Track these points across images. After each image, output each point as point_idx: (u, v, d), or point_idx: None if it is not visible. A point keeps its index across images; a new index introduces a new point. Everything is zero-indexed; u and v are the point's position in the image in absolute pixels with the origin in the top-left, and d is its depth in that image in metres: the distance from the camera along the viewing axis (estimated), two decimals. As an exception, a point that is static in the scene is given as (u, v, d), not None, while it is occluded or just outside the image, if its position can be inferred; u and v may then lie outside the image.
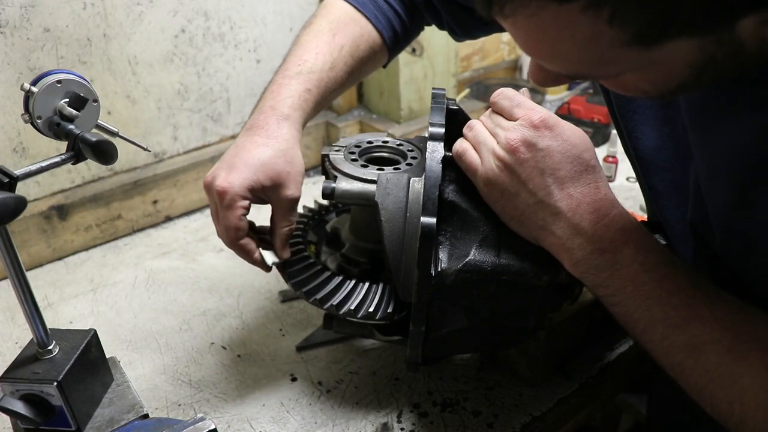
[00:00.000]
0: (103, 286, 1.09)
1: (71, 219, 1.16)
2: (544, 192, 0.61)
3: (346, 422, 0.80)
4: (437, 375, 0.87)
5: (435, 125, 0.67)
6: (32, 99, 0.69)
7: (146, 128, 1.24)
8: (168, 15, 1.19)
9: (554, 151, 0.60)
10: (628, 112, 0.72)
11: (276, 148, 0.75)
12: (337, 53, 0.85)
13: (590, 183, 0.61)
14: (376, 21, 0.90)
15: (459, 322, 0.68)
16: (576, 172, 0.61)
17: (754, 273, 0.60)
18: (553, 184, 0.61)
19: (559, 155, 0.61)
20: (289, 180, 0.75)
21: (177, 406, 0.84)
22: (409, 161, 0.80)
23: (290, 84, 0.80)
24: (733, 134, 0.57)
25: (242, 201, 0.72)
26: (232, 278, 1.09)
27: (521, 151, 0.61)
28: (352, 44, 0.87)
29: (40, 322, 0.72)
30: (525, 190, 0.61)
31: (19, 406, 0.70)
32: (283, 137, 0.76)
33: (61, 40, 1.08)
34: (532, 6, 0.44)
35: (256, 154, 0.74)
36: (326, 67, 0.83)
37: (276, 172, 0.74)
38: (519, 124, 0.62)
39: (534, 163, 0.61)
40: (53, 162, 0.69)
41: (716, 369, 0.54)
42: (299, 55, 0.83)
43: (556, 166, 0.60)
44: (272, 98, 0.79)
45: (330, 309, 0.75)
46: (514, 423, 0.80)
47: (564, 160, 0.61)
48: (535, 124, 0.61)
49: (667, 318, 0.57)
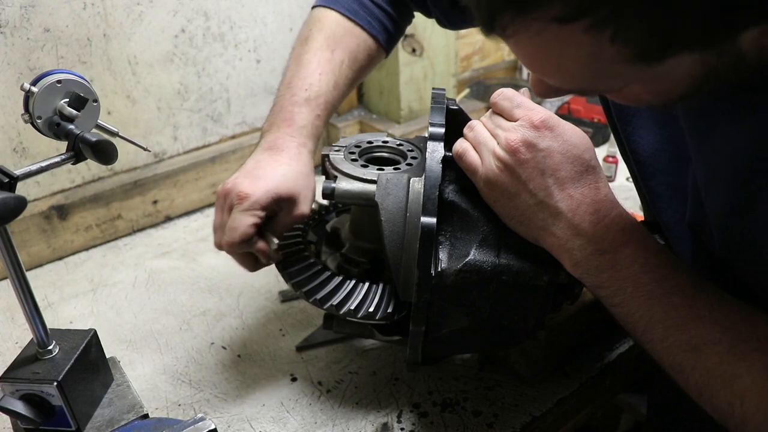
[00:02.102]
0: (103, 286, 1.09)
1: (71, 219, 1.16)
2: (544, 193, 0.61)
3: (346, 422, 0.80)
4: (437, 375, 0.87)
5: (435, 125, 0.67)
6: (32, 99, 0.69)
7: (146, 128, 1.24)
8: (168, 15, 1.19)
9: (555, 152, 0.60)
10: (626, 116, 0.72)
11: (296, 169, 0.79)
12: (338, 70, 0.88)
13: (591, 184, 0.61)
14: (369, 27, 0.91)
15: (459, 322, 0.68)
16: (577, 172, 0.61)
17: (753, 275, 0.60)
18: (553, 184, 0.61)
19: (560, 156, 0.60)
20: (304, 199, 0.79)
21: (177, 406, 0.84)
22: (409, 161, 0.80)
23: (302, 112, 0.84)
24: (732, 138, 0.57)
25: (260, 210, 0.75)
26: (232, 278, 1.09)
27: (522, 151, 0.61)
28: (351, 56, 0.90)
29: (40, 322, 0.72)
30: (525, 191, 0.61)
31: (19, 406, 0.70)
32: (303, 161, 0.81)
33: (61, 40, 1.08)
34: (534, 27, 0.44)
35: (280, 170, 0.78)
36: (330, 87, 0.87)
37: (295, 189, 0.78)
38: (519, 125, 0.62)
39: (534, 164, 0.60)
40: (53, 162, 0.69)
41: (717, 369, 0.54)
42: (303, 77, 0.86)
43: (557, 166, 0.60)
44: (287, 126, 0.83)
45: (330, 309, 0.75)
46: (514, 423, 0.80)
47: (564, 160, 0.61)
48: (535, 125, 0.61)
49: (668, 318, 0.57)
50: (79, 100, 0.71)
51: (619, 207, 0.62)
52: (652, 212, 0.77)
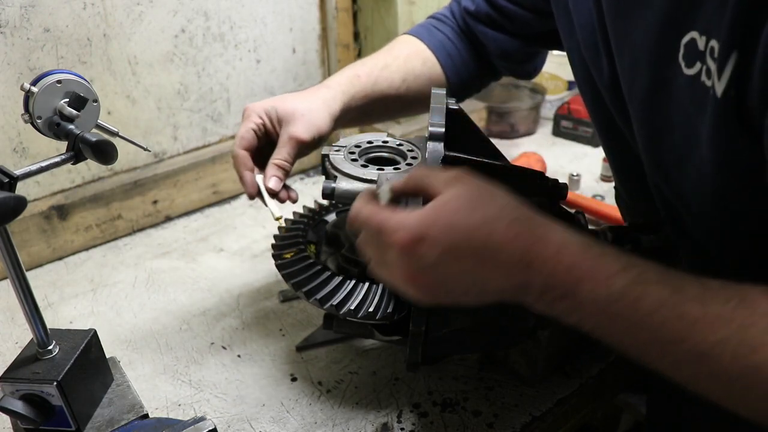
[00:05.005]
0: (103, 286, 1.09)
1: (71, 219, 1.16)
2: (472, 291, 0.55)
3: (346, 422, 0.80)
4: (437, 375, 0.87)
5: (435, 125, 0.67)
6: (32, 99, 0.69)
7: (146, 128, 1.24)
8: (168, 15, 1.19)
9: (446, 260, 0.53)
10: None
11: (303, 99, 0.86)
12: (392, 59, 0.96)
13: (505, 249, 0.53)
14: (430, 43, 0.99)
15: (459, 322, 0.68)
16: (483, 256, 0.53)
17: (671, 165, 0.63)
18: (472, 283, 0.54)
19: (454, 259, 0.53)
20: (299, 121, 0.82)
21: (177, 406, 0.84)
22: (409, 161, 0.80)
23: (343, 71, 0.93)
24: (649, 17, 0.59)
25: (256, 117, 0.84)
26: (232, 278, 1.09)
27: (420, 279, 0.54)
28: (408, 55, 0.97)
29: (40, 322, 0.72)
30: (456, 293, 0.56)
31: (19, 406, 0.70)
32: (316, 98, 0.86)
33: (61, 40, 1.08)
34: None
35: (285, 96, 0.87)
36: (379, 64, 0.94)
37: (291, 109, 0.83)
38: (398, 255, 0.54)
39: (443, 279, 0.54)
40: (53, 162, 0.69)
41: (734, 368, 0.48)
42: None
43: (460, 269, 0.53)
44: (324, 80, 0.93)
45: (330, 309, 0.75)
46: (514, 423, 0.80)
47: (464, 255, 0.53)
48: (408, 247, 0.53)
49: (658, 337, 0.51)
50: (79, 100, 0.71)
51: (553, 242, 0.53)
52: (634, 214, 0.78)
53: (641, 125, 0.68)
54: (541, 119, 1.66)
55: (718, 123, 0.54)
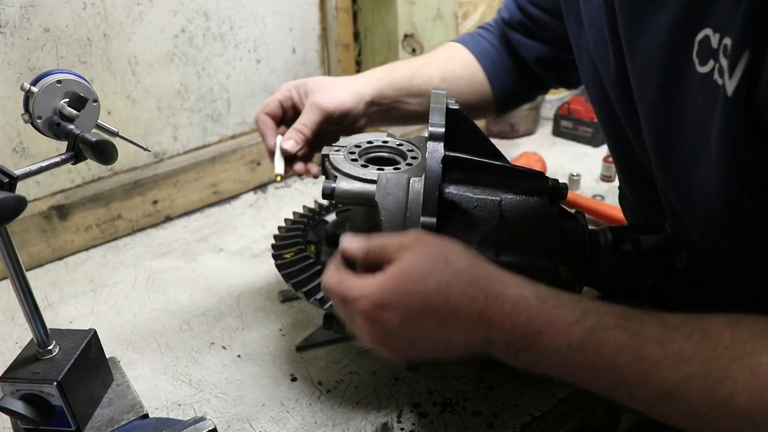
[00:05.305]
0: (103, 286, 1.09)
1: (71, 219, 1.16)
2: (439, 348, 0.57)
3: (346, 422, 0.80)
4: (437, 375, 0.87)
5: (435, 125, 0.67)
6: (32, 99, 0.69)
7: (146, 128, 1.24)
8: (168, 15, 1.19)
9: (408, 324, 0.55)
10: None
11: (335, 78, 0.92)
12: (432, 59, 1.00)
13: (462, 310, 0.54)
14: (474, 49, 1.01)
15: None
16: (443, 318, 0.55)
17: (680, 166, 0.62)
18: (438, 342, 0.56)
19: (416, 322, 0.55)
20: (324, 91, 0.88)
21: (177, 406, 0.84)
22: (409, 161, 0.80)
23: (381, 66, 0.98)
24: (663, 15, 0.59)
25: (285, 90, 0.91)
26: (232, 278, 1.09)
27: (387, 342, 0.57)
28: (449, 57, 1.01)
29: (40, 322, 0.72)
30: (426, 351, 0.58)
31: (19, 406, 0.70)
32: (347, 79, 0.92)
33: (61, 40, 1.08)
34: None
35: (320, 77, 0.94)
36: (419, 62, 0.99)
37: (316, 84, 0.89)
38: (362, 322, 0.56)
39: (408, 340, 0.57)
40: (53, 162, 0.69)
41: (702, 402, 0.49)
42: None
43: (423, 331, 0.56)
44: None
45: (330, 309, 0.75)
46: (514, 423, 0.80)
47: (424, 318, 0.55)
48: (370, 315, 0.55)
49: (624, 380, 0.52)
50: (79, 100, 0.71)
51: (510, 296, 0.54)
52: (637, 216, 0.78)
53: (651, 124, 0.67)
54: (541, 119, 1.66)
55: (727, 122, 0.53)
